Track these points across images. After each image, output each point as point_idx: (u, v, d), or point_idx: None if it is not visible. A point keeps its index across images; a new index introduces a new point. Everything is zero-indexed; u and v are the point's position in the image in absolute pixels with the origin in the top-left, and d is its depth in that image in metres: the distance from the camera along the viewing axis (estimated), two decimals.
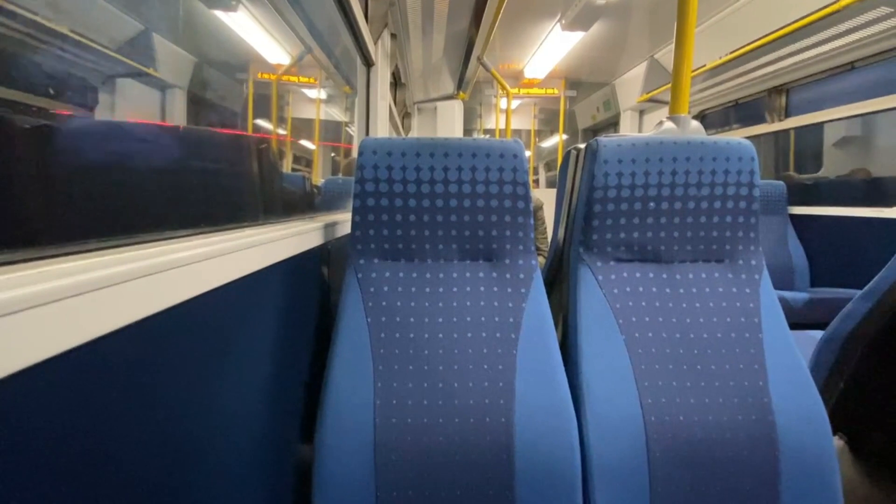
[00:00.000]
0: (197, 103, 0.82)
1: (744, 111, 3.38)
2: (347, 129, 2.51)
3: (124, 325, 0.36)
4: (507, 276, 0.94)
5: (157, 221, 0.55)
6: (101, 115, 0.55)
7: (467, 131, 6.61)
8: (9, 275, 0.28)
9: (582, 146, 1.06)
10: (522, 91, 5.24)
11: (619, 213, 0.96)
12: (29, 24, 0.41)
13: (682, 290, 0.95)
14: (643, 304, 0.94)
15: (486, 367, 0.86)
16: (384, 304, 0.90)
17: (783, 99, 2.96)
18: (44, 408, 0.30)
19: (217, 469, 0.54)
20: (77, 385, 0.32)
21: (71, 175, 0.46)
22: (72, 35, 0.49)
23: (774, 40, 2.60)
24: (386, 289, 0.91)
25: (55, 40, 0.46)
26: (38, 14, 0.43)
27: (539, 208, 2.67)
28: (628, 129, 4.74)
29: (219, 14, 0.96)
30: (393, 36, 2.68)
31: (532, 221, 0.96)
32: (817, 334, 1.19)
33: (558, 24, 3.38)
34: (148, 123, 0.70)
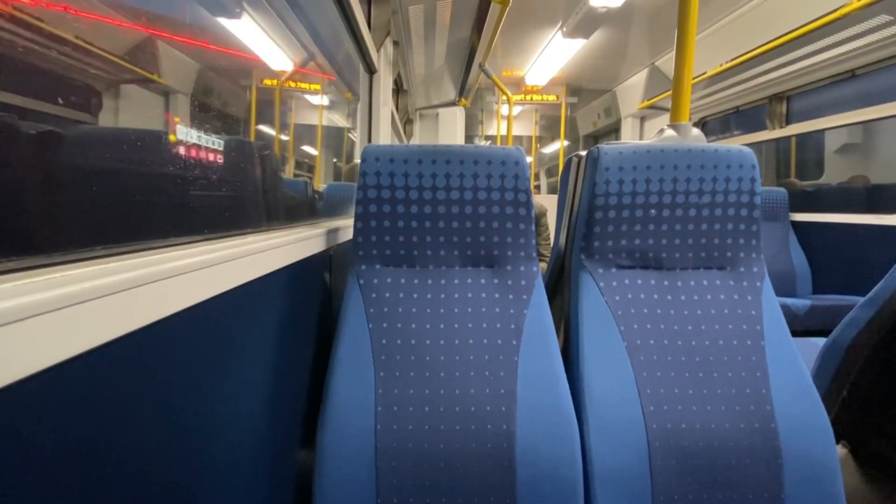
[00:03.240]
0: (200, 109, 0.83)
1: (745, 118, 3.39)
2: (349, 134, 2.53)
3: (130, 332, 0.36)
4: (509, 282, 0.94)
5: (161, 228, 0.55)
6: (104, 120, 0.56)
7: (469, 137, 6.63)
8: (20, 282, 0.28)
9: (583, 153, 1.07)
10: (524, 98, 5.27)
11: (620, 221, 0.96)
12: (33, 29, 0.41)
13: (683, 297, 0.95)
14: (645, 311, 0.94)
15: (487, 373, 0.86)
16: (386, 310, 0.90)
17: (784, 106, 2.97)
18: (52, 410, 0.30)
19: (219, 472, 0.54)
20: (84, 389, 0.33)
21: (78, 181, 0.46)
22: (75, 41, 0.49)
23: (775, 48, 2.61)
24: (387, 295, 0.91)
25: (59, 46, 0.46)
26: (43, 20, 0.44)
27: (543, 214, 2.67)
28: (629, 135, 4.75)
29: (223, 21, 0.96)
30: (395, 43, 2.71)
31: (534, 228, 0.96)
32: (819, 341, 1.19)
33: (559, 32, 3.40)
34: (151, 130, 0.71)
